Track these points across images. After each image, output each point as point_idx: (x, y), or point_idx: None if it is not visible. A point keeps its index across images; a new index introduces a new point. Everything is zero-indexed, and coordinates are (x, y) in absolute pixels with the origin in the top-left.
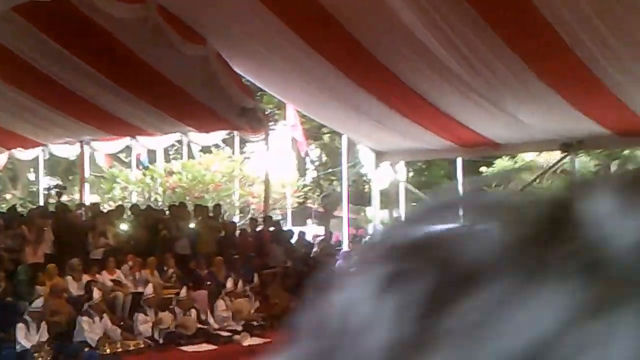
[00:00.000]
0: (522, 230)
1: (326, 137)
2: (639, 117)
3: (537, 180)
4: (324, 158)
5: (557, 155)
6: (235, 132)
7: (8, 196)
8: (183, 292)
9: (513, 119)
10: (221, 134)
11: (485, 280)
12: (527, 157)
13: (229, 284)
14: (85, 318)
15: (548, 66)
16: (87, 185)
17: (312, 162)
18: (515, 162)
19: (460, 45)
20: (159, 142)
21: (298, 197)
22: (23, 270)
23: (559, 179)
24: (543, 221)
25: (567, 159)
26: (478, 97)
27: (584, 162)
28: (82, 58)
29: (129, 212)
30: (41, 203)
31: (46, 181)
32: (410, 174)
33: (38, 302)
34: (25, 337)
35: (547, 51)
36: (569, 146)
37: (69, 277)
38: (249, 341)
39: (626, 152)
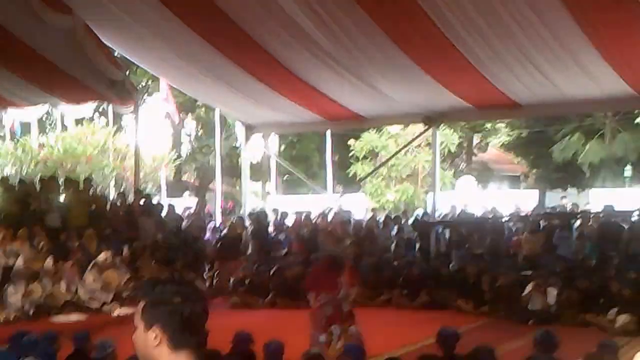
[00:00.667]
0: None
1: (201, 111)
2: (499, 90)
3: (403, 152)
4: (199, 131)
5: (420, 128)
6: (106, 104)
7: None
8: (49, 262)
9: (377, 91)
10: (92, 106)
11: None
12: (393, 130)
13: (100, 256)
14: None
15: (413, 41)
16: None
17: (187, 135)
18: (381, 135)
19: (327, 20)
20: (30, 113)
21: (172, 169)
22: None
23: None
24: None
25: (429, 132)
26: (344, 71)
27: (446, 134)
28: None
29: None
30: None
31: None
32: (282, 148)
33: None
34: None
35: (412, 27)
36: (431, 119)
37: None
38: (118, 311)
39: (488, 125)
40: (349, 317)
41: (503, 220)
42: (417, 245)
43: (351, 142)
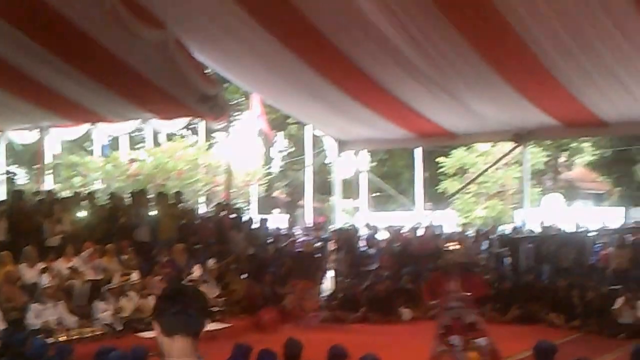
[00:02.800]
0: None
1: (292, 128)
2: (587, 108)
3: (492, 169)
4: (291, 148)
5: (509, 145)
6: (198, 120)
7: None
8: (134, 275)
9: (468, 109)
10: (184, 121)
11: None
12: (482, 147)
13: (194, 272)
14: (37, 305)
15: (503, 59)
16: (48, 173)
17: (279, 151)
18: (471, 152)
19: (419, 38)
20: (120, 128)
21: (263, 185)
22: None
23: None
24: None
25: (518, 149)
26: (436, 88)
27: (534, 152)
28: (39, 42)
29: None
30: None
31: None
32: (373, 164)
33: None
34: None
35: (502, 45)
36: (520, 137)
37: (23, 265)
38: (208, 326)
39: (573, 144)
40: (472, 329)
41: (590, 235)
42: (508, 260)
43: (441, 159)
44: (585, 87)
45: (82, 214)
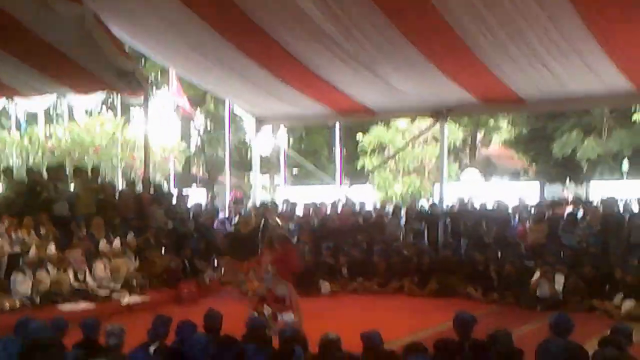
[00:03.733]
0: None
1: (210, 105)
2: (505, 85)
3: (410, 146)
4: (208, 125)
5: (428, 123)
6: (115, 95)
7: None
8: (51, 248)
9: (387, 85)
10: (99, 98)
11: None
12: (401, 125)
13: (107, 244)
14: None
15: (423, 35)
16: None
17: (197, 128)
18: (389, 129)
19: (339, 12)
20: (37, 104)
21: (181, 161)
22: None
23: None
24: None
25: (436, 126)
26: (355, 64)
27: (452, 129)
28: None
29: (2, 175)
30: None
31: None
32: (291, 141)
33: None
34: None
35: (423, 21)
36: (439, 113)
37: None
38: (127, 299)
39: (491, 122)
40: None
41: (508, 210)
42: (426, 235)
43: (359, 136)
44: (503, 64)
45: None
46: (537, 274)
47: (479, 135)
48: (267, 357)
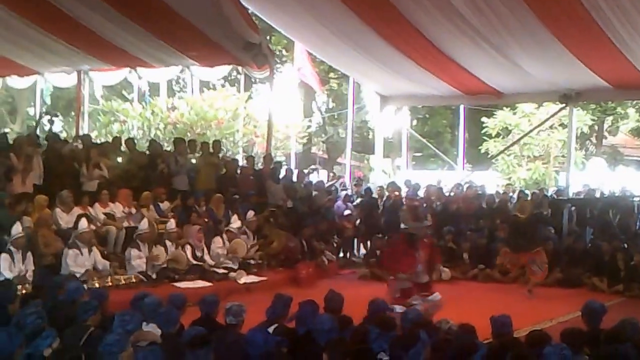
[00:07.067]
0: None
1: (334, 83)
2: (637, 70)
3: (536, 131)
4: (331, 104)
5: (554, 108)
6: (240, 69)
7: (6, 130)
8: (171, 224)
9: (516, 67)
10: (225, 69)
11: None
12: (527, 109)
13: (230, 221)
14: (72, 250)
15: (554, 15)
16: (86, 119)
17: (318, 107)
18: (515, 114)
19: None
20: (160, 74)
21: (302, 139)
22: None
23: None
24: None
25: (564, 111)
26: (484, 43)
27: (579, 115)
28: None
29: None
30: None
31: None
32: (414, 123)
33: (15, 230)
34: (9, 268)
35: (555, 1)
36: (568, 98)
37: (58, 209)
38: (245, 279)
39: (618, 109)
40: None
41: (635, 199)
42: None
43: (484, 119)
44: (636, 47)
45: (120, 160)
46: None
47: (606, 124)
48: (390, 341)
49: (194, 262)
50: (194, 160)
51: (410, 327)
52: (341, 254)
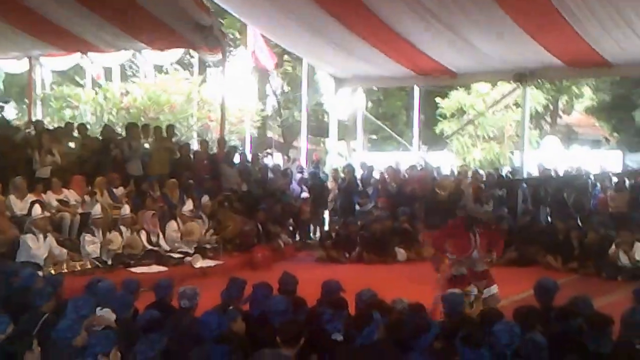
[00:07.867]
0: None
1: (288, 66)
2: (591, 48)
3: (490, 111)
4: (286, 87)
5: (508, 88)
6: (192, 52)
7: None
8: (125, 209)
9: (470, 46)
10: (178, 53)
11: None
12: (481, 89)
13: (186, 206)
14: (29, 236)
15: None
16: (39, 105)
17: (273, 90)
18: (469, 94)
19: None
20: (112, 59)
21: (257, 122)
22: None
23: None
24: None
25: (518, 91)
26: (437, 23)
27: (533, 95)
28: None
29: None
30: None
31: None
32: (369, 105)
33: None
34: None
35: None
36: (522, 77)
37: (11, 196)
38: (200, 263)
39: (573, 88)
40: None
41: (589, 178)
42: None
43: (438, 99)
44: (590, 25)
45: (72, 146)
46: (617, 243)
47: (561, 103)
48: (344, 321)
49: (149, 247)
50: (147, 145)
51: (364, 307)
52: (297, 237)
